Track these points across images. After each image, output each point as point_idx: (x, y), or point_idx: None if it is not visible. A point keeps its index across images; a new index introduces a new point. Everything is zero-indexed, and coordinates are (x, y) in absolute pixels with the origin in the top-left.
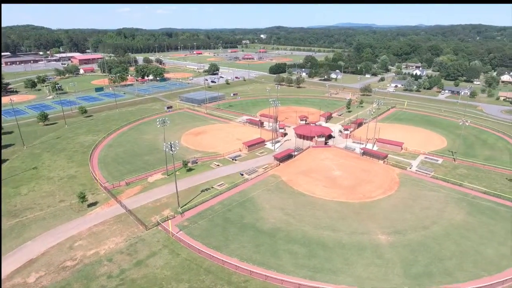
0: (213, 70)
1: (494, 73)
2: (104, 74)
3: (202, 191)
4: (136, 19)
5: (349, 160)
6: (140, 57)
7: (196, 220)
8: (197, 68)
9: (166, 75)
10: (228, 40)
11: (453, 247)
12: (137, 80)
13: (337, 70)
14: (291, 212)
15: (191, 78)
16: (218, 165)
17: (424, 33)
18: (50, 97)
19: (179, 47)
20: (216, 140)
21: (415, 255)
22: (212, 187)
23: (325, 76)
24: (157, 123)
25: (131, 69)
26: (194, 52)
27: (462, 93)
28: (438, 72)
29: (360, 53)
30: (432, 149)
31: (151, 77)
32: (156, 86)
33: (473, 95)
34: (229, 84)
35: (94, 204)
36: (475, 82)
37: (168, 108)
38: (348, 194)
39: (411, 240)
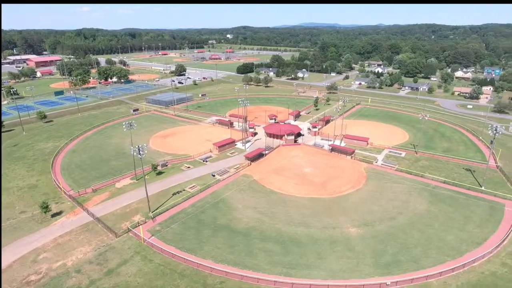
0: (180, 71)
1: (449, 70)
2: (64, 77)
3: (174, 194)
4: (96, 19)
5: (318, 157)
6: (102, 59)
7: (168, 224)
8: (163, 69)
9: (130, 77)
10: (194, 40)
11: (418, 236)
12: (100, 83)
13: (303, 69)
14: (264, 210)
15: (157, 79)
16: (188, 167)
17: (384, 32)
18: (5, 102)
19: (143, 48)
20: (186, 142)
21: (383, 245)
22: (184, 190)
23: (292, 75)
24: (124, 126)
25: (93, 71)
26: (160, 53)
27: (421, 89)
28: (398, 70)
29: (325, 52)
30: (396, 143)
31: (115, 79)
32: (121, 89)
33: (430, 90)
34: (197, 84)
35: (58, 213)
36: (432, 79)
37: (134, 110)
38: (318, 190)
39: (380, 231)
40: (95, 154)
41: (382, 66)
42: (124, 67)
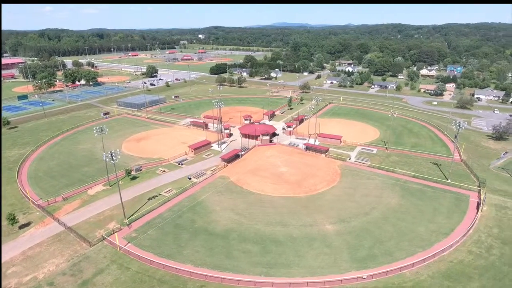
0: (152, 72)
1: (415, 68)
2: (28, 80)
3: (149, 199)
4: (60, 19)
5: (293, 156)
6: (68, 61)
7: (145, 230)
8: (134, 71)
9: (100, 79)
10: (165, 40)
11: (391, 229)
12: (67, 86)
13: (276, 69)
14: (242, 211)
15: (128, 81)
16: (164, 171)
17: (353, 32)
18: None
19: (112, 49)
20: (160, 145)
21: (359, 240)
22: (160, 194)
23: (266, 75)
24: (94, 131)
25: (59, 73)
26: (130, 54)
27: (389, 87)
28: (368, 68)
29: (297, 52)
30: (367, 140)
31: (83, 82)
32: (90, 92)
33: (398, 88)
34: (169, 86)
35: (26, 225)
36: (399, 77)
37: (105, 114)
38: (295, 189)
39: (355, 227)
40: (64, 160)
41: (352, 65)
42: (92, 69)
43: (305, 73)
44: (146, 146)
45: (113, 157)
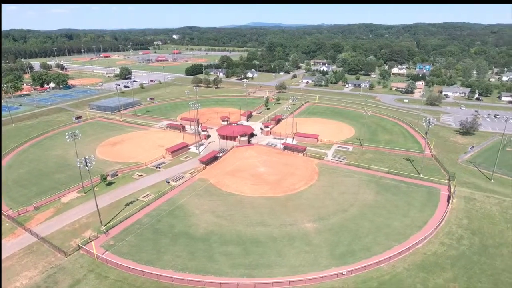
0: (125, 74)
1: (386, 67)
2: None
3: (127, 205)
4: (26, 19)
5: (272, 156)
6: (36, 63)
7: (123, 237)
8: (107, 73)
9: (70, 82)
10: (138, 41)
11: (368, 225)
12: (35, 89)
13: (252, 69)
14: (222, 214)
15: (101, 83)
16: (141, 175)
17: (326, 32)
18: None
19: (83, 50)
20: (136, 149)
21: (338, 237)
22: (137, 199)
23: (242, 76)
24: (66, 136)
25: (26, 76)
26: (101, 55)
27: (363, 86)
28: (342, 68)
29: (272, 52)
30: (343, 139)
31: (52, 85)
32: (60, 95)
33: (371, 87)
34: (144, 88)
35: None
36: (372, 75)
37: (77, 118)
38: (274, 188)
39: (334, 224)
40: (35, 168)
41: (326, 65)
42: (62, 71)
43: (281, 73)
44: (121, 150)
45: (88, 163)
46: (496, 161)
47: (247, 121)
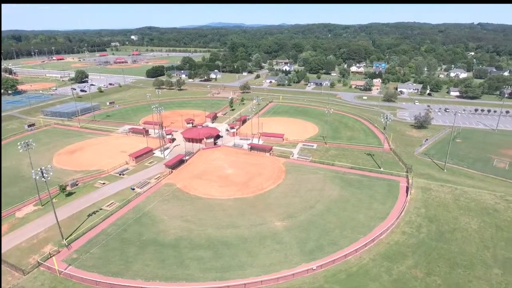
0: (81, 77)
1: (345, 65)
2: None
3: (89, 215)
4: None
5: (239, 157)
6: None
7: (87, 250)
8: (61, 76)
9: (20, 87)
10: (94, 42)
11: (334, 219)
12: None
13: (215, 70)
14: (191, 218)
15: (55, 88)
16: (103, 183)
17: (287, 32)
18: None
19: (33, 53)
20: (97, 156)
21: (307, 234)
22: (101, 209)
23: (205, 77)
24: (19, 146)
25: None
26: (54, 58)
27: (324, 84)
28: (303, 67)
29: (235, 52)
30: (308, 137)
31: None
32: (9, 101)
33: (332, 85)
34: (102, 92)
35: None
36: (332, 74)
37: (29, 126)
38: (242, 189)
39: (302, 221)
40: None
41: (289, 64)
42: (10, 75)
43: (244, 73)
44: (81, 158)
45: (44, 174)
46: (448, 152)
47: (213, 122)
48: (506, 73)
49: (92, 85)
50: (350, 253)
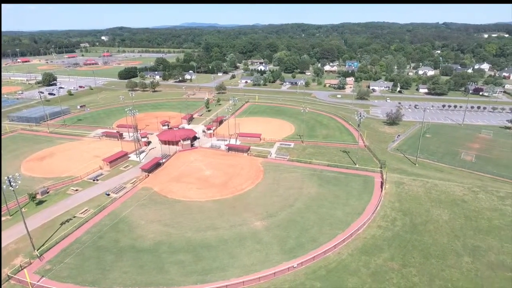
0: (49, 80)
1: (319, 65)
2: None
3: (62, 223)
4: None
5: (216, 158)
6: None
7: (61, 260)
8: (27, 79)
9: None
10: (62, 44)
11: (313, 217)
12: None
13: (190, 71)
14: (169, 222)
15: (21, 92)
16: (76, 190)
17: (261, 32)
18: None
19: None
20: (69, 161)
21: (287, 232)
22: (75, 216)
23: (180, 78)
24: None
25: None
26: (19, 60)
27: (299, 84)
28: (278, 67)
29: (209, 52)
30: (285, 136)
31: None
32: None
33: (307, 84)
34: (72, 95)
35: None
36: (307, 73)
37: None
38: (221, 191)
39: (282, 220)
40: None
41: (264, 64)
42: None
43: (220, 74)
44: (52, 164)
45: (12, 182)
46: (419, 147)
47: (189, 124)
48: (470, 70)
49: (61, 88)
50: (329, 249)
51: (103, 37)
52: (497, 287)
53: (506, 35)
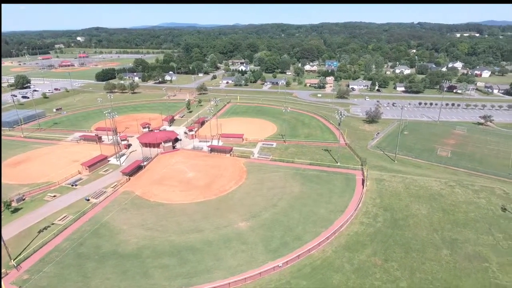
0: (23, 82)
1: (299, 64)
2: None
3: (40, 231)
4: None
5: (199, 159)
6: None
7: (39, 269)
8: None
9: None
10: (35, 45)
11: (297, 216)
12: None
13: (170, 72)
14: (153, 225)
15: None
16: (54, 196)
17: (241, 32)
18: None
19: None
20: (46, 166)
21: (271, 232)
22: (53, 224)
23: (160, 79)
24: None
25: None
26: None
27: (280, 83)
28: (259, 67)
29: (190, 53)
30: (267, 136)
31: None
32: None
33: (288, 84)
34: (47, 98)
35: None
36: (287, 73)
37: None
38: (205, 192)
39: (266, 220)
40: None
41: (245, 64)
42: None
43: (200, 74)
44: (27, 170)
45: None
46: (397, 144)
47: (170, 126)
48: (444, 69)
49: (35, 90)
50: (314, 247)
51: (78, 38)
52: (474, 278)
53: (477, 35)
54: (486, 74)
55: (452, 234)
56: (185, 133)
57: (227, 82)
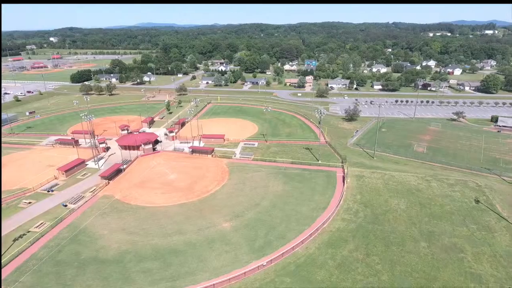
0: None
1: (279, 64)
2: None
3: (15, 240)
4: None
5: (180, 161)
6: None
7: (16, 278)
8: None
9: None
10: (5, 46)
11: (280, 214)
12: None
13: (149, 73)
14: (134, 229)
15: None
16: (29, 203)
17: (220, 32)
18: None
19: None
20: (20, 172)
21: (255, 231)
22: (29, 231)
23: (138, 80)
24: None
25: None
26: None
27: (260, 83)
28: (239, 67)
29: (168, 53)
30: (248, 135)
31: None
32: None
33: (268, 83)
34: (20, 101)
35: None
36: (267, 73)
37: None
38: (187, 194)
39: (249, 219)
40: None
41: (224, 64)
42: None
43: (180, 75)
44: None
45: None
46: (376, 141)
47: (150, 127)
48: (418, 67)
49: (6, 93)
50: (297, 245)
51: (51, 38)
52: (451, 268)
53: (449, 34)
54: (458, 72)
55: (430, 227)
56: (166, 134)
57: (207, 83)
